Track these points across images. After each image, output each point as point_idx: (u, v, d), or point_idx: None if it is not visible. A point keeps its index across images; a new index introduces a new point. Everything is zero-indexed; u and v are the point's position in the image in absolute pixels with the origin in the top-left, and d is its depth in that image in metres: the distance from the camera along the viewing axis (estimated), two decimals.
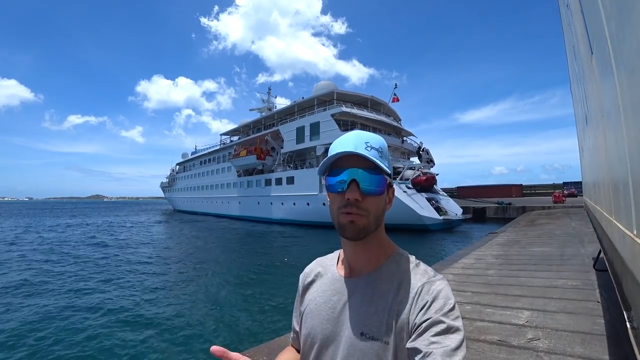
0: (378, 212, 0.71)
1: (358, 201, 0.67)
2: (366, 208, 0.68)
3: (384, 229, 0.76)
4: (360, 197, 0.67)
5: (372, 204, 0.69)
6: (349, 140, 0.70)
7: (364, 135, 0.72)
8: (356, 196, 0.67)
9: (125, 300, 7.31)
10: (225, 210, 36.84)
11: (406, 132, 30.72)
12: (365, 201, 0.68)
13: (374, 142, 0.71)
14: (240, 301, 7.23)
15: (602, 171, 1.69)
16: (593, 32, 1.21)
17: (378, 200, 0.70)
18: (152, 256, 13.26)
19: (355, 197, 0.67)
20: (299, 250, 14.84)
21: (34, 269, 10.76)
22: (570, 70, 4.20)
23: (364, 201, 0.68)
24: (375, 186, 0.68)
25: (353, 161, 0.69)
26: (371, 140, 0.71)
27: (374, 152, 0.69)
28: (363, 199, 0.68)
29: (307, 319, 0.78)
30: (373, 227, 0.70)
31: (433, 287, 0.66)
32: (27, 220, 37.11)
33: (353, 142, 0.70)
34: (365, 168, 0.68)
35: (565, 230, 9.49)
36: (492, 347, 2.39)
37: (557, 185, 44.34)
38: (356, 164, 0.68)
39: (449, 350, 0.56)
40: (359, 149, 0.68)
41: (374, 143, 0.70)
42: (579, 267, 4.73)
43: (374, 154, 0.69)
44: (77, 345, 5.06)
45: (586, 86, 1.92)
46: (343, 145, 0.70)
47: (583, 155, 4.42)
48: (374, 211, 0.70)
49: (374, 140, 0.71)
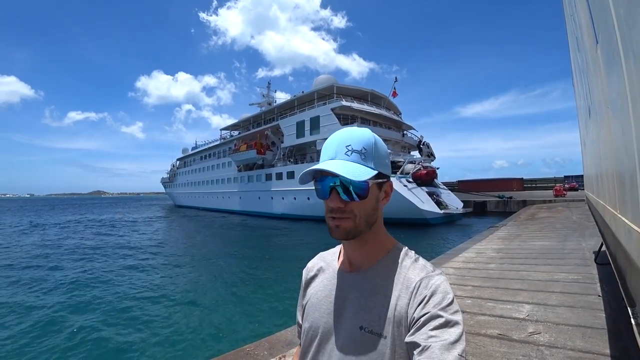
0: (366, 213, 0.71)
1: (341, 207, 0.69)
2: (351, 211, 0.69)
3: (381, 224, 0.76)
4: (342, 204, 0.69)
5: (357, 206, 0.69)
6: (332, 145, 0.71)
7: (346, 137, 0.71)
8: (337, 204, 0.69)
9: (126, 294, 7.35)
10: (226, 205, 36.89)
11: (406, 125, 30.62)
12: (349, 205, 0.69)
13: (357, 143, 0.70)
14: (242, 295, 7.25)
15: (606, 164, 1.66)
16: (599, 21, 1.18)
17: (363, 203, 0.70)
18: (154, 252, 13.32)
19: (337, 205, 0.69)
20: (299, 244, 14.87)
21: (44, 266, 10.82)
22: (573, 62, 4.15)
23: (347, 206, 0.69)
24: (356, 191, 0.68)
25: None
26: (353, 142, 0.70)
27: (354, 156, 0.69)
28: (345, 204, 0.69)
29: (309, 313, 0.80)
30: (363, 227, 0.71)
31: (431, 282, 0.66)
32: (34, 217, 37.28)
33: (334, 148, 0.70)
34: (346, 175, 0.67)
35: (566, 223, 9.48)
36: (492, 341, 2.39)
37: (558, 178, 44.19)
38: (335, 173, 0.67)
39: (447, 343, 0.57)
40: (339, 155, 0.69)
41: (356, 144, 0.69)
42: (580, 261, 4.73)
43: (355, 158, 0.69)
44: (79, 339, 5.10)
45: (590, 77, 1.88)
46: (326, 151, 0.71)
47: (585, 148, 4.39)
48: (360, 213, 0.70)
49: (357, 141, 0.70)
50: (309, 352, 0.78)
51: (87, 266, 10.49)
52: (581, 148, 5.46)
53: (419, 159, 23.39)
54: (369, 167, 0.68)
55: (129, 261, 11.26)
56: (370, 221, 0.71)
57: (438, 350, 0.56)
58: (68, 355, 4.68)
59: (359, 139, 0.70)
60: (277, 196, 27.58)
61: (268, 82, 39.46)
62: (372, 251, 0.75)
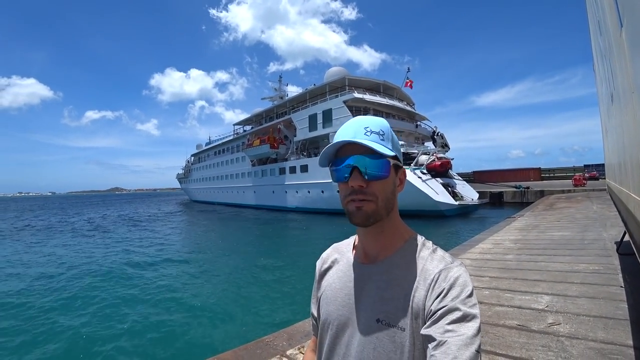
0: (387, 196, 0.70)
1: (362, 187, 0.68)
2: (372, 192, 0.68)
3: (397, 214, 0.75)
4: (364, 184, 0.68)
5: (378, 188, 0.69)
6: (348, 129, 0.70)
7: (363, 121, 0.71)
8: (359, 183, 0.68)
9: (148, 288, 7.58)
10: (240, 200, 37.30)
11: (420, 116, 30.17)
12: (370, 186, 0.68)
13: (374, 125, 0.70)
14: (260, 288, 7.38)
15: (630, 151, 1.62)
16: (624, 2, 1.14)
17: (384, 183, 0.70)
18: (174, 246, 13.63)
19: (358, 184, 0.68)
20: (314, 237, 14.95)
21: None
22: (594, 46, 4.01)
23: (368, 187, 0.68)
24: (378, 170, 0.68)
25: (354, 149, 0.68)
26: (371, 125, 0.70)
27: (374, 137, 0.69)
28: (367, 184, 0.68)
29: (324, 305, 0.79)
30: (383, 212, 0.70)
31: (450, 274, 0.64)
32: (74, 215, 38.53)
33: (352, 129, 0.70)
34: (366, 154, 0.68)
35: (586, 214, 9.24)
36: (511, 331, 2.38)
37: (578, 168, 42.89)
38: (356, 151, 0.68)
39: (464, 338, 0.56)
40: (358, 135, 0.68)
41: (374, 127, 0.70)
42: (601, 252, 4.61)
43: (374, 138, 0.68)
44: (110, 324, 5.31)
45: (613, 62, 1.82)
46: (343, 134, 0.70)
47: (607, 135, 4.25)
48: (382, 195, 0.69)
49: (374, 124, 0.70)
50: (325, 344, 0.77)
51: (126, 258, 10.90)
52: (602, 135, 5.29)
53: (433, 150, 23.07)
54: (387, 147, 0.69)
55: (156, 256, 11.58)
56: (389, 207, 0.71)
57: (454, 346, 0.55)
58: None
59: (375, 122, 0.71)
60: (291, 190, 27.71)
61: (279, 76, 39.42)
62: (389, 241, 0.74)
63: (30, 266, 10.35)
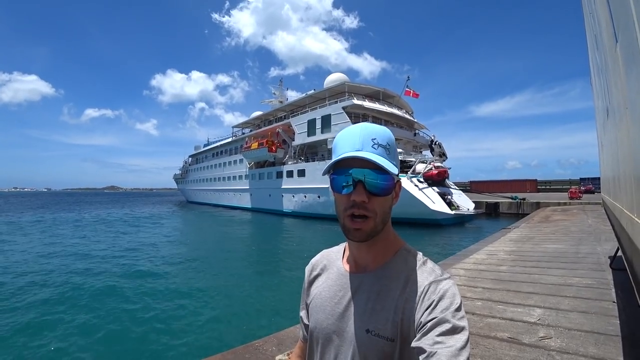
0: (385, 212, 0.69)
1: (364, 202, 0.66)
2: (373, 209, 0.67)
3: (390, 225, 0.74)
4: (366, 199, 0.66)
5: (379, 204, 0.68)
6: (355, 137, 0.68)
7: (370, 130, 0.69)
8: (363, 198, 0.66)
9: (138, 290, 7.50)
10: (237, 202, 37.18)
11: (418, 125, 30.29)
12: (372, 202, 0.67)
13: (381, 138, 0.68)
14: (250, 292, 7.31)
15: (624, 166, 1.62)
16: (619, 19, 1.14)
17: (385, 200, 0.69)
18: (166, 249, 13.53)
19: (361, 199, 0.66)
20: (308, 242, 14.90)
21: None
22: (592, 61, 4.05)
23: (370, 202, 0.67)
24: (383, 187, 0.67)
25: (359, 161, 0.66)
26: (378, 137, 0.68)
27: (381, 150, 0.67)
28: (369, 200, 0.67)
29: (313, 313, 0.79)
30: (380, 228, 0.69)
31: (440, 287, 0.64)
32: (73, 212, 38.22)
33: (360, 139, 0.67)
34: (372, 168, 0.66)
35: (581, 227, 9.27)
36: (502, 344, 2.36)
37: (574, 181, 43.07)
38: (362, 164, 0.66)
39: (453, 350, 0.56)
40: (366, 147, 0.66)
41: (382, 139, 0.68)
42: (595, 266, 4.62)
43: (381, 152, 0.67)
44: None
45: (609, 77, 1.83)
46: (349, 142, 0.68)
47: (603, 149, 4.28)
48: (381, 212, 0.68)
49: (382, 137, 0.68)
50: (314, 353, 0.77)
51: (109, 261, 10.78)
52: (598, 149, 5.32)
53: (431, 159, 23.12)
54: (392, 163, 0.68)
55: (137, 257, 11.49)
56: (385, 221, 0.70)
57: (444, 357, 0.55)
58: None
59: (382, 134, 0.69)
60: (288, 194, 27.67)
61: (280, 80, 39.56)
62: (380, 252, 0.73)
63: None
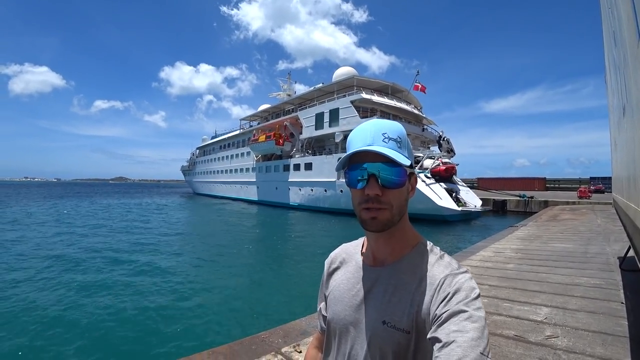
0: (401, 204, 0.70)
1: (378, 196, 0.68)
2: (387, 201, 0.68)
3: (407, 219, 0.76)
4: (380, 192, 0.68)
5: (394, 196, 0.69)
6: (366, 132, 0.70)
7: (381, 125, 0.71)
8: (376, 192, 0.67)
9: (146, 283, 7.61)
10: (244, 195, 37.39)
11: (427, 120, 30.04)
12: (386, 195, 0.68)
13: (392, 132, 0.70)
14: (258, 284, 7.39)
15: None
16: None
17: (399, 192, 0.70)
18: (170, 238, 13.69)
19: (375, 193, 0.67)
20: (315, 236, 14.96)
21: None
22: (608, 57, 3.95)
23: (384, 195, 0.68)
24: (395, 179, 0.68)
25: (371, 155, 0.68)
26: (389, 131, 0.70)
27: (392, 144, 0.68)
28: (383, 193, 0.68)
29: (331, 305, 0.81)
30: (397, 219, 0.71)
31: (455, 280, 0.65)
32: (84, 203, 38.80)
33: (370, 134, 0.69)
34: (384, 161, 0.68)
35: (590, 227, 9.16)
36: (508, 341, 2.36)
37: (584, 180, 42.44)
38: (374, 158, 0.68)
39: (469, 339, 0.55)
40: (377, 142, 0.68)
41: (392, 133, 0.70)
42: (603, 266, 4.57)
43: (392, 145, 0.68)
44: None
45: (627, 74, 1.79)
46: (360, 138, 0.70)
47: (616, 148, 4.20)
48: (396, 204, 0.69)
49: (392, 130, 0.70)
50: (331, 344, 0.79)
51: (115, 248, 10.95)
52: (611, 148, 5.22)
53: (439, 155, 22.95)
54: (404, 156, 0.69)
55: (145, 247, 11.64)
56: (401, 213, 0.71)
57: (460, 348, 0.54)
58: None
59: (393, 128, 0.71)
60: (295, 187, 27.74)
61: (288, 73, 39.41)
62: (398, 246, 0.74)
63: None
